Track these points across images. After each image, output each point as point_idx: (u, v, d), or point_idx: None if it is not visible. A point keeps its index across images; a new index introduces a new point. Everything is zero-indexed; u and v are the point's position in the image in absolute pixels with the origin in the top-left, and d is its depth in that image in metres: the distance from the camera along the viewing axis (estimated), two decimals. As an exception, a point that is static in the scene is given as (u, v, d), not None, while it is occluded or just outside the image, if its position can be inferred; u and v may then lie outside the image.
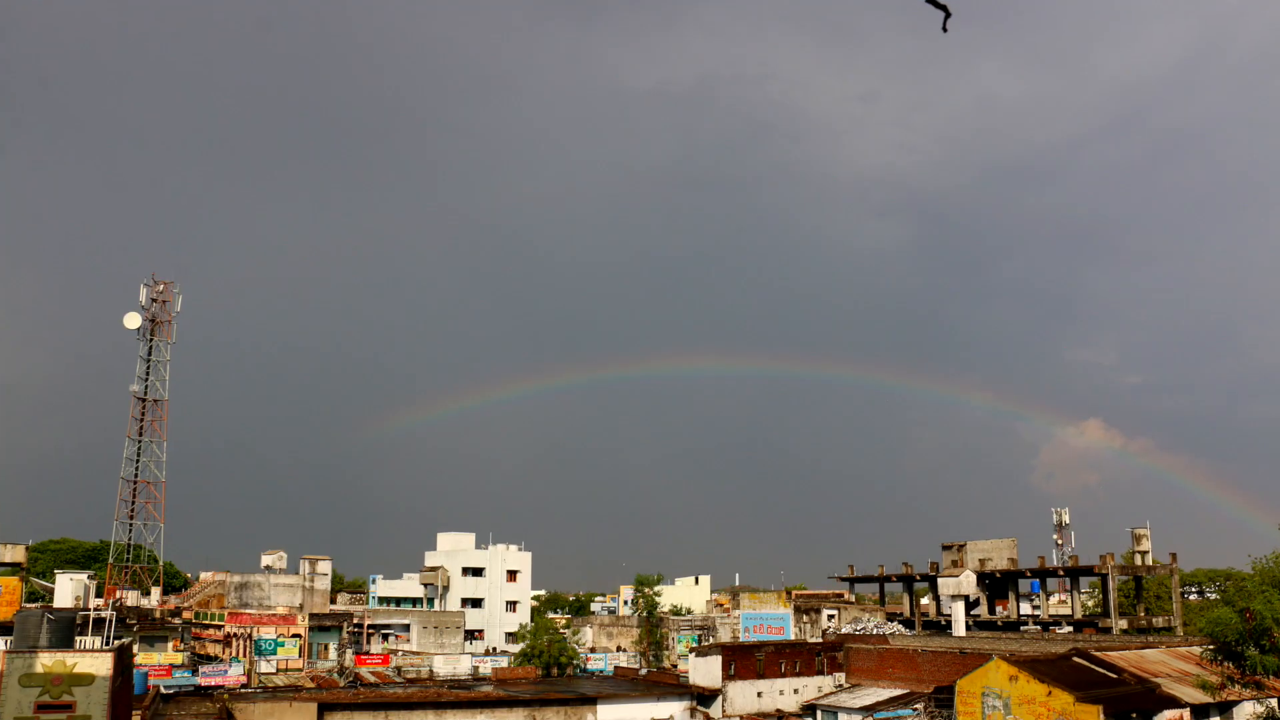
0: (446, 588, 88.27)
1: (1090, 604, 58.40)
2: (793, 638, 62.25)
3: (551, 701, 52.49)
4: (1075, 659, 42.64)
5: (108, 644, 34.17)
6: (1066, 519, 66.58)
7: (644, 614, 73.83)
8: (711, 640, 73.30)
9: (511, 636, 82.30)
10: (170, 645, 61.19)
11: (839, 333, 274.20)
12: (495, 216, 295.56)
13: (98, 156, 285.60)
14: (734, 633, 69.76)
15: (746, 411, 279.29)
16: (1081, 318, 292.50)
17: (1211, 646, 30.72)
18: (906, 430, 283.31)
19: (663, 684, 58.29)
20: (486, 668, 62.86)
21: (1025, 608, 60.34)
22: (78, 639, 32.26)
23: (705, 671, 56.89)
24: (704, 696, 55.36)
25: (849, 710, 52.88)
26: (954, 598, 53.01)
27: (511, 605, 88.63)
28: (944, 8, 11.87)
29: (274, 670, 57.92)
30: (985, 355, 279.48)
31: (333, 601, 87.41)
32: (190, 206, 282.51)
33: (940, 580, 57.05)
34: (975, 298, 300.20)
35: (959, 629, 51.43)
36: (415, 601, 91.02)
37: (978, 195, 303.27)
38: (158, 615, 70.14)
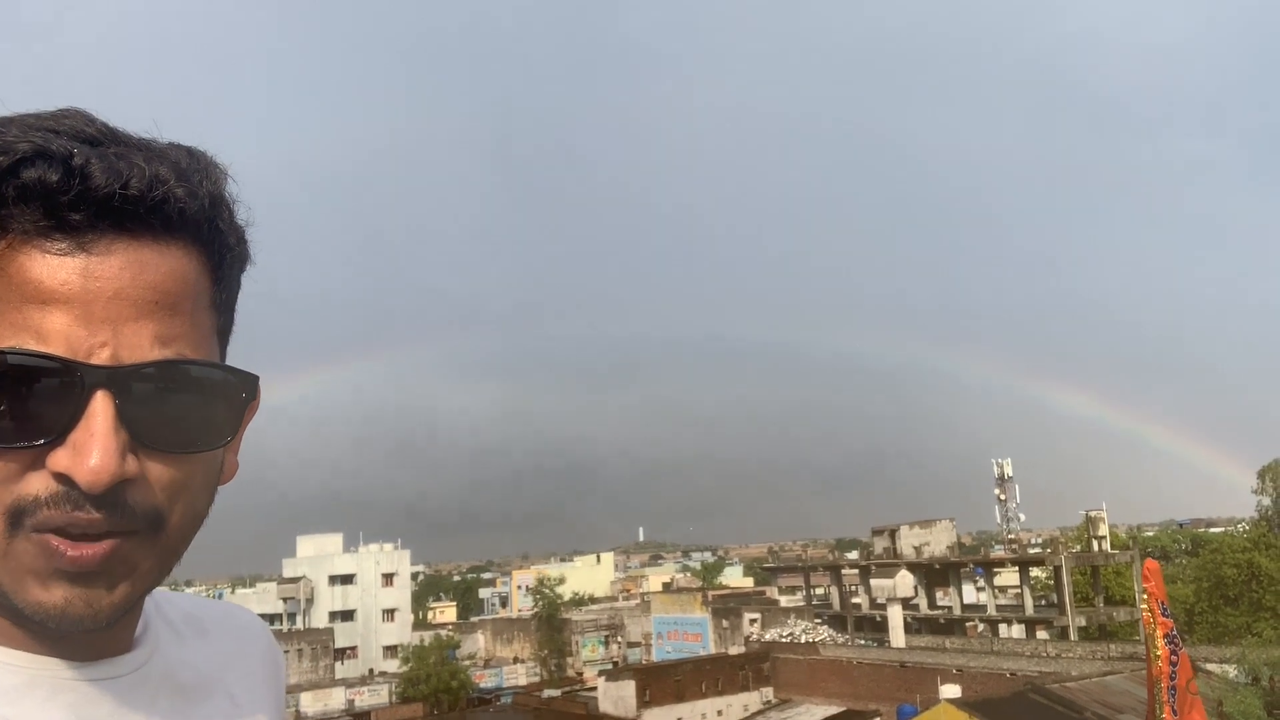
0: (311, 600, 77.70)
1: (1044, 577, 52.77)
2: (712, 648, 55.68)
3: (442, 756, 44.89)
4: (1031, 696, 37.41)
5: None
6: (1009, 471, 58.71)
7: (544, 617, 65.77)
8: (620, 642, 66.26)
9: (390, 650, 72.71)
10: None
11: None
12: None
13: None
14: (645, 634, 62.95)
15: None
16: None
17: None
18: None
19: (570, 716, 51.15)
20: (364, 700, 54.32)
21: (969, 591, 54.69)
22: None
23: (617, 698, 50.03)
24: (617, 729, 48.58)
25: (781, 734, 46.86)
26: (890, 601, 47.12)
27: (389, 614, 78.78)
28: None
29: None
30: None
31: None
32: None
33: (874, 583, 51.16)
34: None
35: (897, 638, 45.60)
36: (273, 619, 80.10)
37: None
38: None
